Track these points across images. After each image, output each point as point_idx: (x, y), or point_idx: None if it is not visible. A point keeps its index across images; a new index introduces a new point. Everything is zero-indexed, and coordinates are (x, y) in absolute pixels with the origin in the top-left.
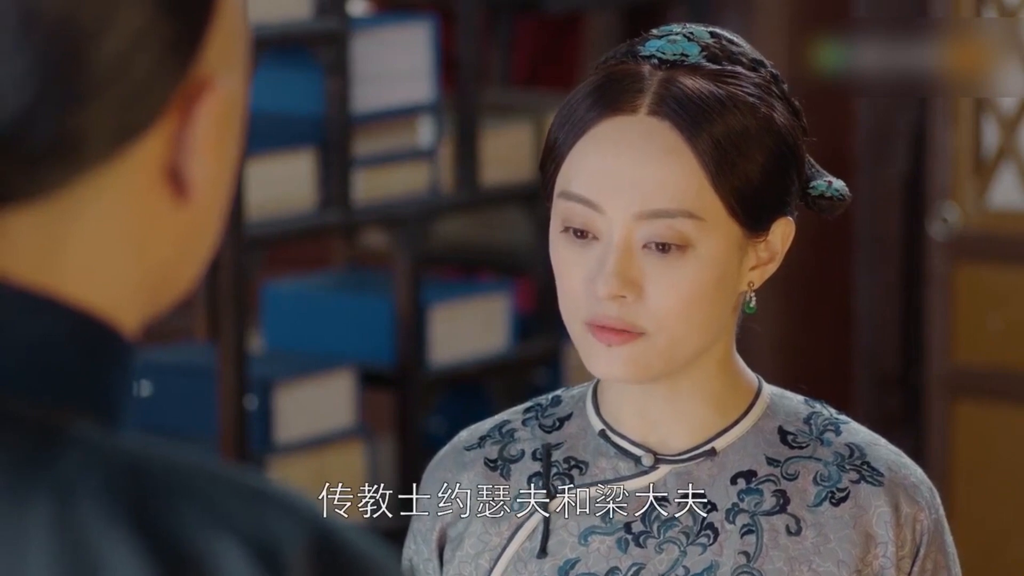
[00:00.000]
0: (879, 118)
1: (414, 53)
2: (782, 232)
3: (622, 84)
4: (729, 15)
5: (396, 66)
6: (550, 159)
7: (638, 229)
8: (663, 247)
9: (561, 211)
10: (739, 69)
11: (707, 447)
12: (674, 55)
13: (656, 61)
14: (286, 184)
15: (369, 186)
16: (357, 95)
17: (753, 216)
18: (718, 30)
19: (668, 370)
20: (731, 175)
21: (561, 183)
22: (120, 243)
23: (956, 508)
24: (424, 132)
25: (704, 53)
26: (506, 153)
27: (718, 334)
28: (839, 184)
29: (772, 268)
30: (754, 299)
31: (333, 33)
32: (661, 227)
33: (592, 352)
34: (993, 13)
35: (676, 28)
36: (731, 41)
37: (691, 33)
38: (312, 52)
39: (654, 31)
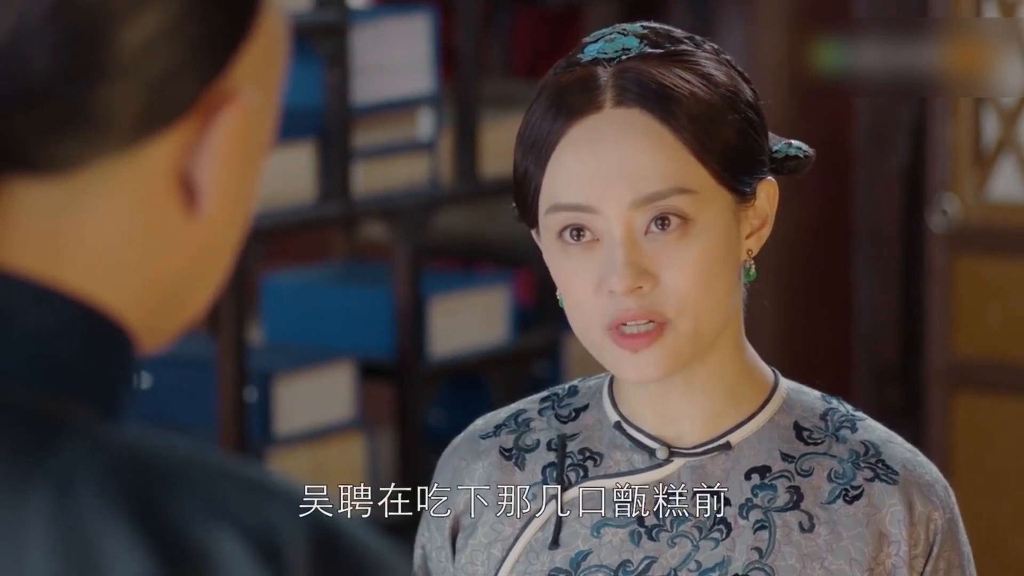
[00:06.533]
0: (878, 112)
1: (414, 45)
2: (767, 193)
3: (578, 89)
4: (729, 15)
5: (396, 58)
6: (525, 189)
7: (636, 218)
8: (663, 223)
9: (553, 224)
10: (683, 47)
11: (722, 441)
12: (615, 52)
13: (603, 63)
14: (286, 176)
15: (369, 178)
16: (357, 87)
17: (740, 179)
18: (648, 23)
19: (696, 354)
20: (711, 142)
21: (546, 201)
22: (124, 240)
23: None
24: (424, 124)
25: (644, 42)
26: (506, 145)
27: (732, 310)
28: (797, 143)
29: (766, 233)
30: (753, 266)
31: (333, 25)
32: (658, 210)
33: (619, 359)
34: (993, 12)
35: (607, 30)
36: (666, 28)
37: (624, 29)
38: (312, 44)
39: (585, 39)
